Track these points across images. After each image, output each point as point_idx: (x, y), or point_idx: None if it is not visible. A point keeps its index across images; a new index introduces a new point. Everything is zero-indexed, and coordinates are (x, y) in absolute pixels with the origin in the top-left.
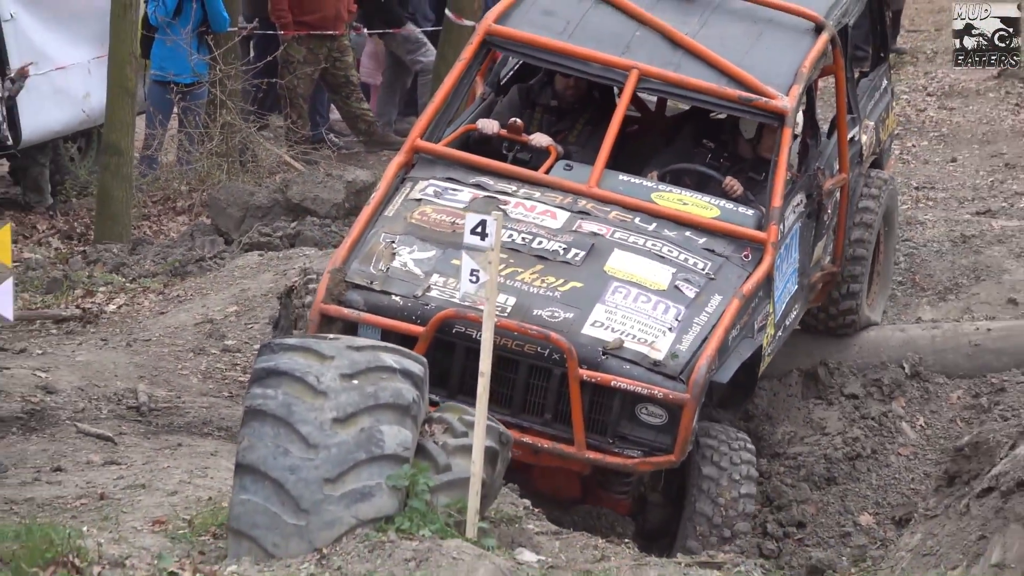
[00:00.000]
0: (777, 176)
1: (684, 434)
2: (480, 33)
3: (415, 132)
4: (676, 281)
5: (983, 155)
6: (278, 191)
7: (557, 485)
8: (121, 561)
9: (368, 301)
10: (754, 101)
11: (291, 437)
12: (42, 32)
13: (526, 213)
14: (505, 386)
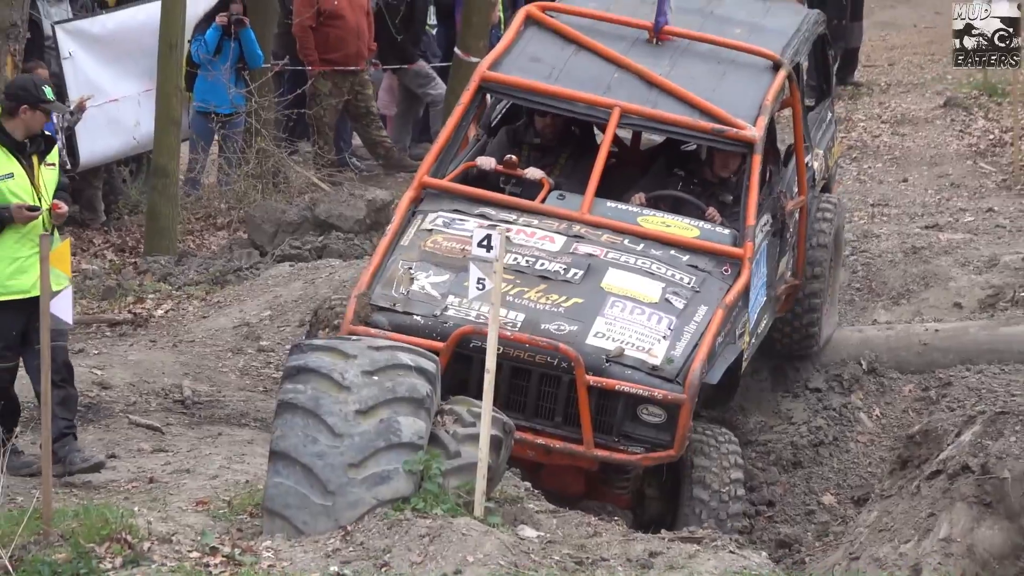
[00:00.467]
0: (750, 198)
1: (682, 431)
2: (476, 80)
3: (422, 170)
4: (666, 294)
5: (931, 176)
6: (307, 209)
7: (564, 483)
8: (168, 537)
9: (392, 321)
10: (725, 132)
11: (319, 427)
12: (97, 68)
13: (527, 239)
14: (519, 393)
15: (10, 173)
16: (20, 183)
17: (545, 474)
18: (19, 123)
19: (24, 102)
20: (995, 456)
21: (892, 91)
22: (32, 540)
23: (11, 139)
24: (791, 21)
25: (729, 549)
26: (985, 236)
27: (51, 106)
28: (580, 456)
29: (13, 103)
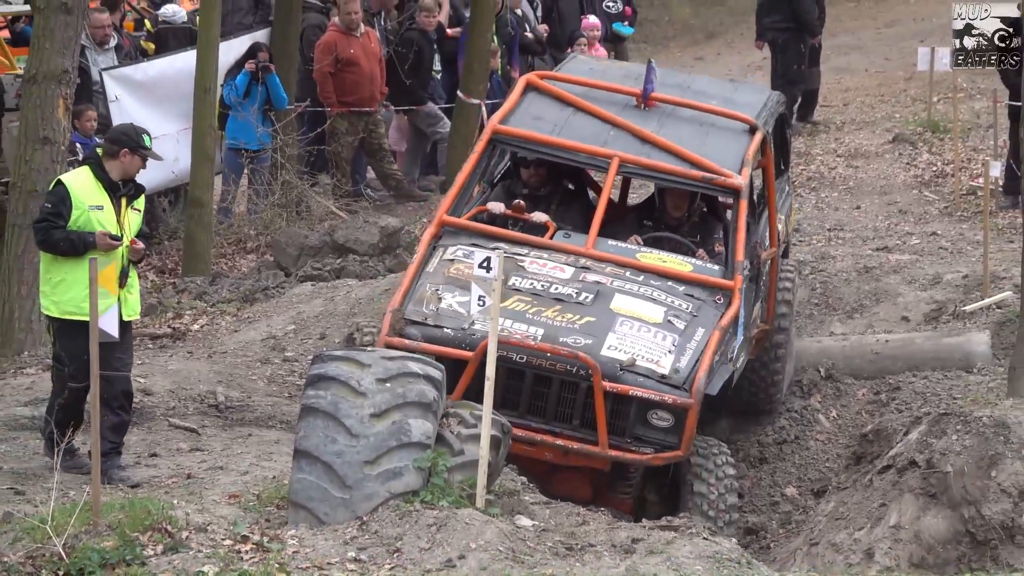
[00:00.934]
0: (738, 237)
1: (689, 433)
2: (488, 132)
3: (442, 209)
4: (668, 317)
5: (881, 204)
6: (326, 234)
7: (572, 488)
8: (204, 527)
9: (424, 334)
10: (714, 179)
11: (338, 428)
12: (140, 110)
13: (540, 268)
14: (540, 399)
15: (100, 205)
16: (107, 216)
17: (556, 480)
18: (117, 165)
19: (125, 146)
20: (939, 453)
21: (846, 128)
22: (83, 530)
23: (108, 177)
24: (758, 98)
25: (703, 536)
26: (929, 257)
27: (149, 153)
28: (595, 456)
29: (115, 146)
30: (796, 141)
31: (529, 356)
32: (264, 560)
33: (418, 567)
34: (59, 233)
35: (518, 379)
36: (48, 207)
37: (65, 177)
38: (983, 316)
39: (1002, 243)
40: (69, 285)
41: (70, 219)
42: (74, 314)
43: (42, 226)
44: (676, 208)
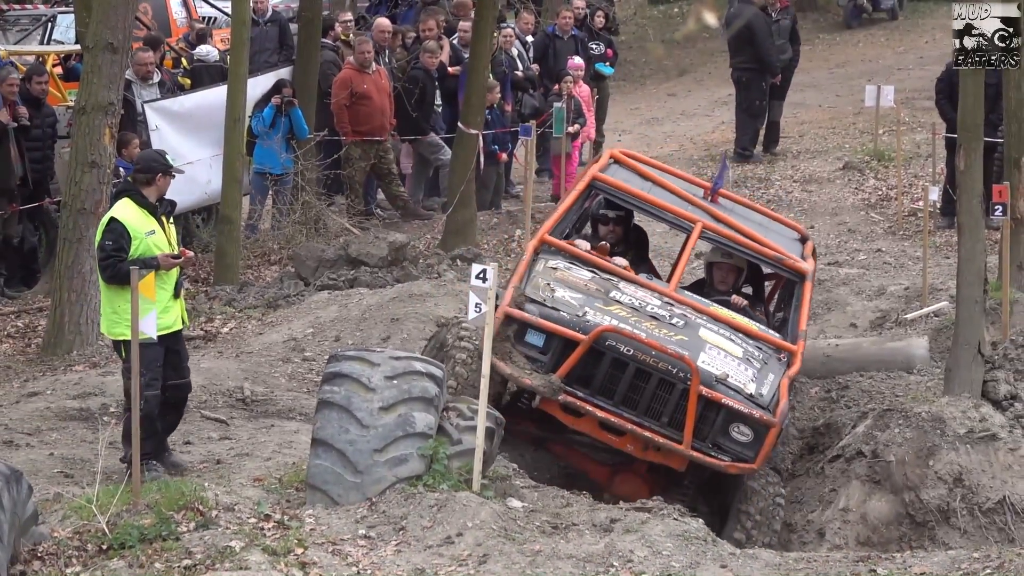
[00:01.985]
0: (803, 312)
1: (766, 449)
2: (588, 178)
3: (545, 229)
4: (746, 355)
5: (832, 224)
6: (341, 249)
7: (631, 490)
8: (232, 507)
9: (542, 312)
10: (785, 260)
11: (350, 420)
12: (177, 138)
13: (633, 292)
14: (636, 393)
15: (152, 230)
16: (160, 237)
17: (616, 483)
18: (154, 189)
19: (159, 171)
20: (883, 444)
21: (802, 157)
22: (124, 509)
23: (148, 202)
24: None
25: (673, 517)
26: (875, 271)
27: (176, 169)
28: (677, 454)
29: (151, 174)
30: (757, 168)
31: (636, 350)
32: (284, 536)
33: (421, 543)
34: (125, 266)
35: (620, 370)
36: (109, 244)
37: (115, 213)
38: (922, 323)
39: (939, 259)
40: None
41: (130, 250)
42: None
43: (109, 263)
44: (723, 282)
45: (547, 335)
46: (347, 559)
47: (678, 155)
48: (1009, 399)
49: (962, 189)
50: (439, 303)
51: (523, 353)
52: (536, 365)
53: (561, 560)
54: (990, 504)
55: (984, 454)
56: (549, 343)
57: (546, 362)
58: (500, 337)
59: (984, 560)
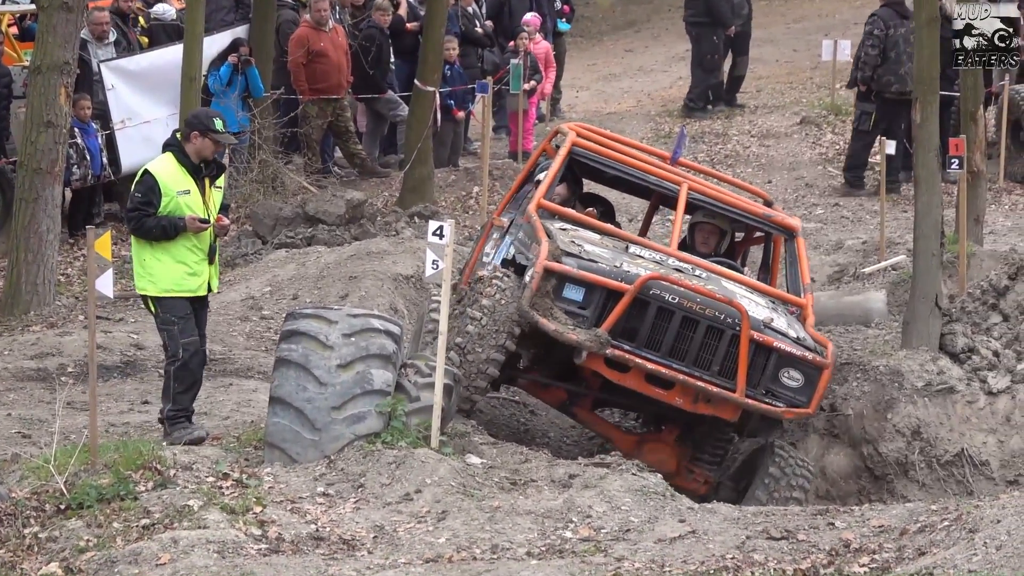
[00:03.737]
0: (802, 266)
1: (820, 392)
2: (568, 145)
3: (539, 194)
4: (770, 305)
5: (790, 178)
6: (299, 207)
7: (660, 460)
8: (190, 466)
9: (580, 265)
10: (773, 217)
11: (308, 378)
12: (133, 97)
13: (645, 249)
14: (684, 342)
15: (187, 190)
16: (194, 199)
17: (645, 451)
18: (191, 147)
19: (195, 129)
20: (841, 398)
21: (759, 112)
22: (82, 468)
23: (190, 161)
24: None
25: (632, 472)
26: (832, 225)
27: (219, 136)
28: (732, 403)
29: (188, 129)
30: (715, 123)
31: (682, 298)
32: (243, 495)
33: (380, 500)
34: (151, 221)
35: (665, 320)
36: (138, 196)
37: (151, 166)
38: (880, 277)
39: (897, 213)
40: (164, 266)
41: (160, 206)
42: (172, 291)
43: (134, 215)
44: (704, 244)
45: (587, 288)
46: (306, 517)
47: (635, 111)
48: (967, 352)
49: (918, 143)
50: (397, 260)
51: (562, 309)
52: (577, 320)
53: (520, 516)
54: (948, 457)
55: (942, 407)
56: (589, 297)
57: (588, 316)
58: (540, 293)
59: (942, 512)
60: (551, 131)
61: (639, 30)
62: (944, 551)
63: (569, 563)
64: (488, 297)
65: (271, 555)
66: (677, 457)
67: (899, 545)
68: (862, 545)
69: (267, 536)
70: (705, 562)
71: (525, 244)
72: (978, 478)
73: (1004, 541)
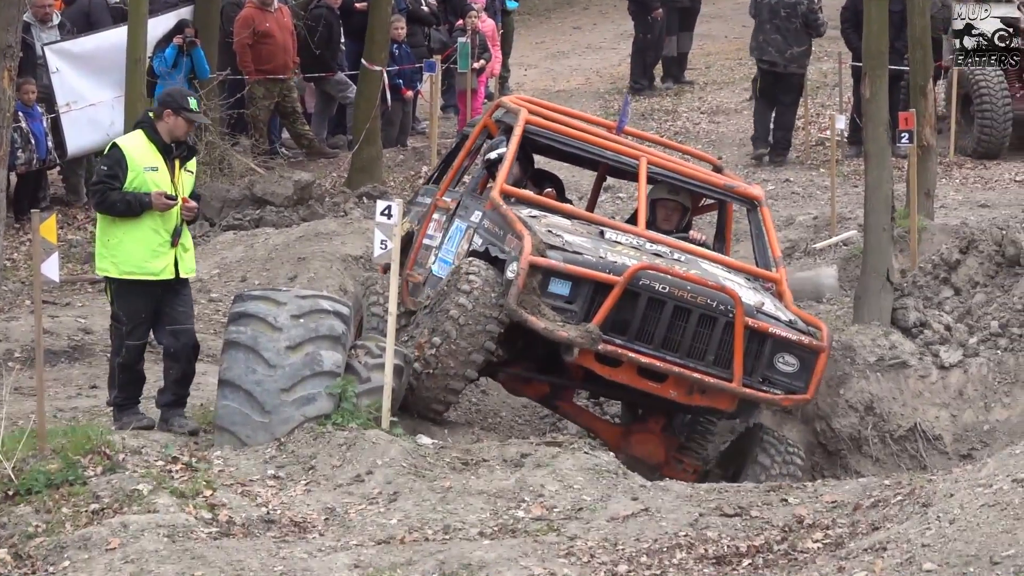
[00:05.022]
0: (770, 237)
1: (818, 377)
2: (522, 123)
3: (501, 179)
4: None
5: (740, 154)
6: (246, 188)
7: (648, 451)
8: (139, 450)
9: (565, 258)
10: (737, 188)
11: (257, 360)
12: (78, 80)
13: (618, 232)
14: (676, 333)
15: (155, 166)
16: (162, 177)
17: (632, 442)
18: (163, 126)
19: (168, 107)
20: None
21: (709, 88)
22: (30, 454)
23: (160, 139)
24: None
25: (584, 451)
26: (783, 201)
27: (192, 115)
28: (729, 393)
29: (160, 107)
30: (664, 100)
31: (673, 287)
32: (193, 478)
33: (330, 482)
34: (116, 195)
35: (656, 310)
36: (104, 169)
37: (120, 140)
38: (831, 252)
39: (847, 188)
40: (127, 246)
41: (126, 181)
42: (133, 274)
43: (99, 188)
44: (667, 221)
45: (573, 282)
46: (256, 500)
47: (584, 89)
48: (919, 326)
49: (868, 117)
50: (346, 241)
51: (548, 304)
52: (565, 316)
53: (472, 496)
54: (901, 432)
55: (895, 382)
56: (576, 290)
57: (576, 311)
58: (527, 289)
59: (895, 487)
60: (492, 105)
61: (587, 7)
62: (898, 526)
63: (522, 542)
64: (464, 294)
65: (222, 539)
66: (665, 447)
67: (852, 520)
68: (815, 521)
69: (217, 520)
70: (658, 540)
71: (496, 235)
72: (931, 452)
73: (957, 515)
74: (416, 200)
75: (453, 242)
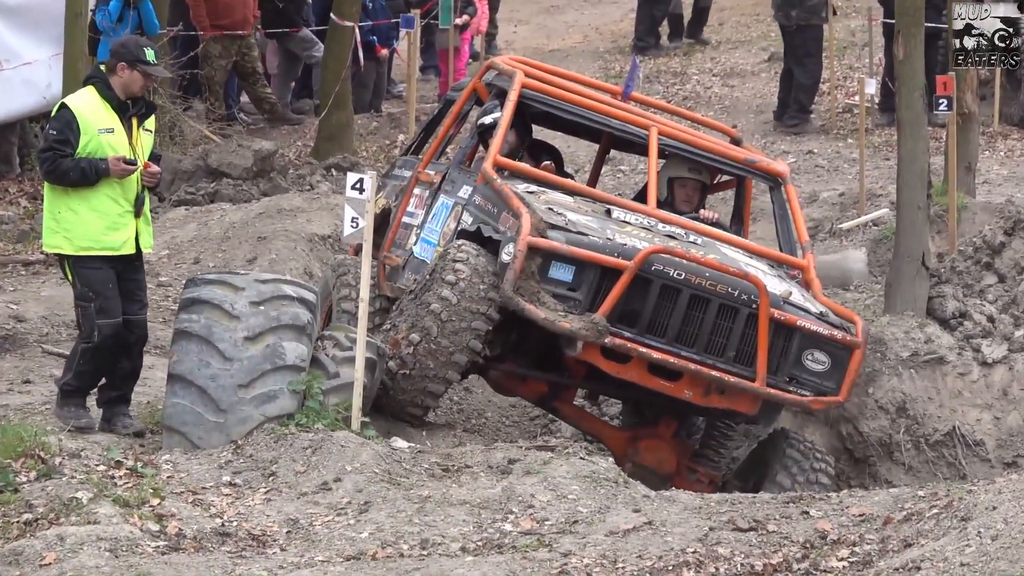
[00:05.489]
0: (797, 219)
1: (852, 376)
2: (518, 87)
3: (494, 150)
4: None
5: (757, 122)
6: (200, 159)
7: (658, 460)
8: (77, 453)
9: (568, 239)
10: (758, 163)
11: (211, 352)
12: (13, 36)
13: (626, 211)
14: (692, 325)
15: (111, 128)
16: (119, 139)
17: (641, 449)
18: (117, 81)
19: (122, 60)
20: None
21: (722, 48)
22: None
23: (115, 96)
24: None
25: (580, 456)
26: (806, 175)
27: (150, 68)
28: (751, 394)
29: (114, 60)
30: (671, 61)
31: (689, 273)
32: (138, 485)
33: (294, 490)
34: (68, 163)
35: (670, 299)
36: (53, 134)
37: (70, 99)
38: (860, 234)
39: (878, 160)
40: (82, 218)
41: (79, 146)
42: (90, 249)
43: (48, 156)
44: (687, 202)
45: (576, 267)
46: (210, 510)
47: (582, 48)
48: (957, 317)
49: (901, 81)
50: (312, 219)
51: (549, 292)
52: (568, 305)
53: (453, 507)
54: (938, 436)
55: (930, 380)
56: (580, 276)
57: (580, 300)
58: (525, 274)
59: (931, 499)
60: (482, 66)
61: None
62: (933, 542)
63: (509, 559)
64: (449, 286)
65: (171, 553)
66: (677, 455)
67: (882, 536)
68: (840, 536)
69: (166, 532)
70: (663, 557)
71: (489, 213)
72: (971, 460)
73: (1000, 530)
74: (392, 173)
75: (438, 220)
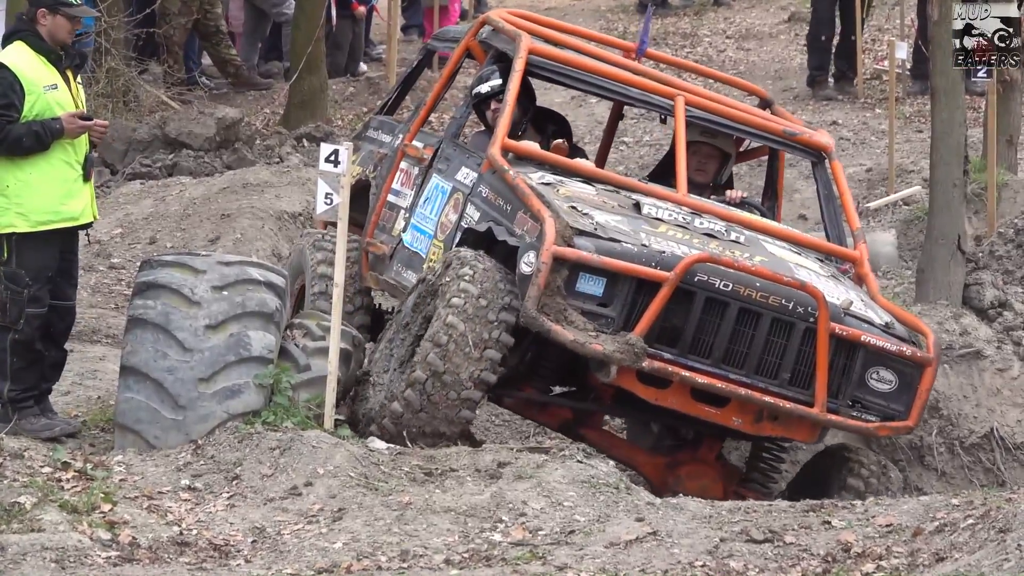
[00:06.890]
0: (846, 201)
1: (923, 397)
2: (524, 52)
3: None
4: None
5: (776, 89)
6: (157, 127)
7: (703, 485)
8: (20, 453)
9: (599, 247)
10: (799, 135)
11: (169, 342)
12: None
13: (658, 202)
14: (741, 344)
15: (54, 84)
16: (64, 96)
17: (685, 474)
18: (43, 31)
19: (42, 5)
20: None
21: (737, 7)
22: None
23: (48, 48)
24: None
25: (577, 459)
26: None
27: (73, 10)
28: (810, 420)
29: (33, 8)
30: (680, 21)
31: (737, 283)
32: (88, 489)
33: (260, 495)
34: (19, 128)
35: (714, 315)
36: None
37: (4, 57)
38: (889, 214)
39: (910, 133)
40: (37, 188)
41: (24, 108)
42: (50, 223)
43: None
44: (700, 171)
45: (608, 279)
46: (167, 516)
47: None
48: (996, 307)
49: (936, 44)
50: (281, 194)
51: (577, 308)
52: (599, 323)
53: (436, 514)
54: (974, 439)
55: (966, 376)
56: (612, 289)
57: (612, 317)
58: (550, 290)
59: (965, 508)
60: (476, 22)
61: None
62: (968, 556)
63: (498, 573)
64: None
65: (123, 564)
66: (723, 480)
67: (912, 549)
68: (865, 549)
69: (118, 541)
70: (669, 570)
71: (501, 210)
72: (1011, 465)
73: None
74: (366, 135)
75: (432, 206)
